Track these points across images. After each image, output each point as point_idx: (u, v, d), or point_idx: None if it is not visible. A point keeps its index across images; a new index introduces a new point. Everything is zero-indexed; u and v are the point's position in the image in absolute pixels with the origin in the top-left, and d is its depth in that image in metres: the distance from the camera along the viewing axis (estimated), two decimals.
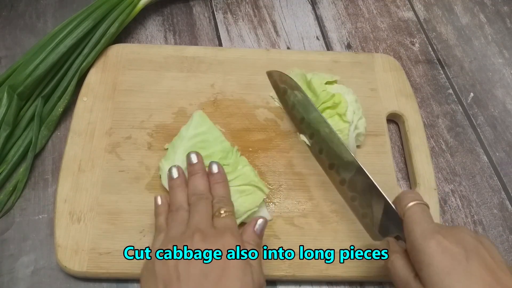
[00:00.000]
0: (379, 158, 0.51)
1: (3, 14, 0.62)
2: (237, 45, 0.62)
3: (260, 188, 0.45)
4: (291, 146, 0.51)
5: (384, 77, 0.57)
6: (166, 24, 0.63)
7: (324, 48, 0.63)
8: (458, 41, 0.65)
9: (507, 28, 0.67)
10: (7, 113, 0.49)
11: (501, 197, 0.52)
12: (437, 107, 0.59)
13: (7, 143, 0.49)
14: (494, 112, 0.59)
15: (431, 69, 0.62)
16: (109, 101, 0.53)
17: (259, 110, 0.54)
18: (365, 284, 0.46)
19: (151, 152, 0.50)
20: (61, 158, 0.49)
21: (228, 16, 0.65)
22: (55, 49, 0.51)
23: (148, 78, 0.54)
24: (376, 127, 0.53)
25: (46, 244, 0.45)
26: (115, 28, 0.55)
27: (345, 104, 0.49)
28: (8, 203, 0.47)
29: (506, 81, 0.62)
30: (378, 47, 0.64)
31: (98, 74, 0.54)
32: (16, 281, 0.43)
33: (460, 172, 0.54)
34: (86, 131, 0.50)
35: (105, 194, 0.47)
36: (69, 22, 0.53)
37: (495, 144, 0.56)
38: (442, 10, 0.69)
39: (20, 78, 0.50)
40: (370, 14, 0.67)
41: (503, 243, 0.49)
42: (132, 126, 0.51)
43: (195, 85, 0.55)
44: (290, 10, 0.66)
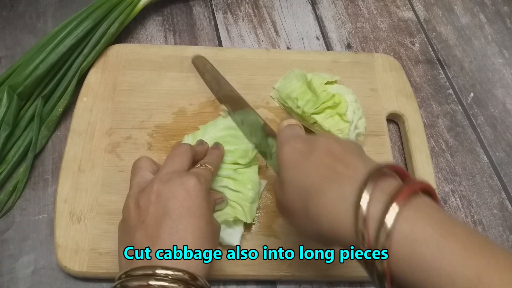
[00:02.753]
0: (379, 158, 0.51)
1: (3, 14, 0.62)
2: (237, 45, 0.62)
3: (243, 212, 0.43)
4: None
5: (384, 77, 0.57)
6: (166, 24, 0.63)
7: (324, 48, 0.63)
8: (458, 41, 0.65)
9: (507, 28, 0.67)
10: (7, 113, 0.49)
11: (501, 197, 0.52)
12: (437, 107, 0.59)
13: (7, 143, 0.49)
14: (494, 112, 0.59)
15: (431, 69, 0.62)
16: (109, 101, 0.53)
17: (259, 110, 0.54)
18: (365, 284, 0.46)
19: (151, 152, 0.50)
20: (61, 158, 0.49)
21: (228, 16, 0.65)
22: (55, 49, 0.51)
23: (148, 78, 0.54)
24: (376, 127, 0.53)
25: (46, 244, 0.45)
26: (115, 28, 0.55)
27: (345, 104, 0.49)
28: (8, 203, 0.47)
29: (506, 81, 0.62)
30: (378, 47, 0.64)
31: (98, 74, 0.54)
32: (16, 281, 0.43)
33: (460, 172, 0.54)
34: (86, 131, 0.50)
35: (105, 194, 0.47)
36: (69, 22, 0.53)
37: (495, 144, 0.56)
38: (442, 10, 0.69)
39: (20, 78, 0.49)
40: (370, 14, 0.67)
41: (503, 243, 0.49)
42: (132, 126, 0.51)
43: (195, 85, 0.55)
44: (290, 10, 0.66)
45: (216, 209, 0.43)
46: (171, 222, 0.32)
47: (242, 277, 0.44)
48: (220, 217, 0.43)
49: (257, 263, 0.44)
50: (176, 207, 0.33)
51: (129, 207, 0.35)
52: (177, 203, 0.33)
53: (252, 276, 0.44)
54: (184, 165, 0.37)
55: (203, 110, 0.53)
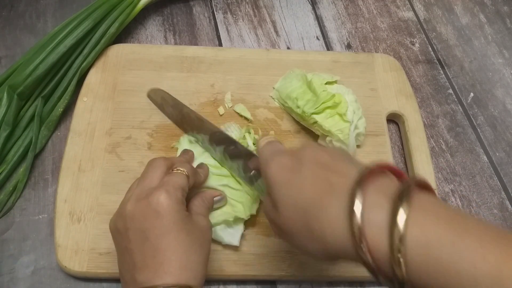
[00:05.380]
0: (379, 158, 0.51)
1: (3, 14, 0.62)
2: (237, 45, 0.62)
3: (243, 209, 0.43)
4: (291, 145, 0.51)
5: (384, 77, 0.57)
6: (166, 24, 0.63)
7: (324, 48, 0.63)
8: (458, 41, 0.65)
9: (507, 28, 0.67)
10: (7, 113, 0.49)
11: (501, 197, 0.52)
12: (437, 107, 0.59)
13: (7, 143, 0.49)
14: (494, 112, 0.59)
15: (431, 69, 0.62)
16: (109, 101, 0.53)
17: (259, 110, 0.54)
18: (365, 284, 0.46)
19: (151, 152, 0.50)
20: (61, 158, 0.49)
21: (228, 16, 0.65)
22: (55, 49, 0.51)
23: (148, 78, 0.54)
24: (376, 127, 0.53)
25: (46, 244, 0.45)
26: (115, 28, 0.55)
27: (345, 104, 0.49)
28: (8, 203, 0.47)
29: (506, 81, 0.62)
30: (378, 47, 0.64)
31: (98, 74, 0.54)
32: (16, 281, 0.43)
33: (460, 172, 0.54)
34: (86, 131, 0.50)
35: (105, 194, 0.47)
36: (69, 22, 0.53)
37: (495, 144, 0.56)
38: (442, 10, 0.69)
39: (20, 78, 0.49)
40: (370, 14, 0.67)
41: None
42: (132, 126, 0.51)
43: (195, 85, 0.55)
44: (290, 10, 0.66)
45: (215, 207, 0.43)
46: (151, 245, 0.32)
47: (242, 277, 0.44)
48: (220, 217, 0.43)
49: (257, 263, 0.44)
50: (151, 229, 0.33)
51: (112, 230, 0.36)
52: (150, 225, 0.33)
53: (252, 276, 0.44)
54: (155, 180, 0.36)
55: (203, 110, 0.53)
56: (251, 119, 0.52)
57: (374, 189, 0.26)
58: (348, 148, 0.48)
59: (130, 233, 0.33)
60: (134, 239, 0.33)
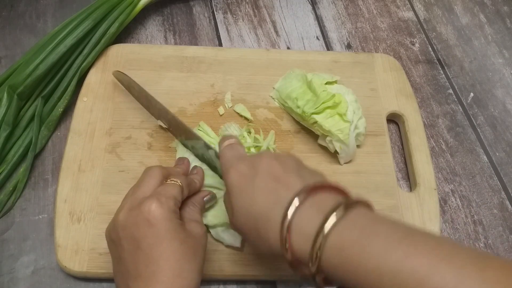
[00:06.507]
0: (379, 158, 0.51)
1: (3, 14, 0.62)
2: (237, 45, 0.62)
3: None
4: (291, 145, 0.51)
5: (384, 77, 0.57)
6: (166, 24, 0.63)
7: (324, 48, 0.63)
8: (458, 41, 0.65)
9: (507, 28, 0.67)
10: (7, 113, 0.49)
11: (501, 197, 0.52)
12: (437, 107, 0.59)
13: (7, 143, 0.49)
14: (494, 112, 0.59)
15: (431, 69, 0.62)
16: (109, 101, 0.53)
17: (259, 110, 0.54)
18: None
19: (151, 152, 0.50)
20: (61, 158, 0.49)
21: (228, 16, 0.65)
22: (55, 49, 0.51)
23: (148, 78, 0.54)
24: (376, 127, 0.53)
25: (46, 244, 0.45)
26: (115, 28, 0.55)
27: (345, 104, 0.49)
28: (8, 203, 0.47)
29: (506, 81, 0.62)
30: (378, 47, 0.64)
31: (98, 74, 0.54)
32: (16, 281, 0.43)
33: (460, 172, 0.54)
34: (86, 131, 0.50)
35: (105, 194, 0.47)
36: (69, 22, 0.53)
37: (495, 144, 0.56)
38: (442, 10, 0.69)
39: (20, 78, 0.49)
40: (370, 14, 0.67)
41: (503, 243, 0.49)
42: (132, 126, 0.51)
43: (195, 85, 0.55)
44: (290, 10, 0.66)
45: (207, 207, 0.43)
46: (144, 254, 0.32)
47: (242, 277, 0.44)
48: (221, 219, 0.43)
49: (257, 263, 0.44)
50: (143, 238, 0.33)
51: (107, 239, 0.36)
52: (143, 234, 0.33)
53: (252, 276, 0.44)
54: (149, 190, 0.36)
55: (203, 110, 0.53)
56: (251, 119, 0.52)
57: (310, 204, 0.30)
58: (348, 148, 0.48)
59: (123, 242, 0.34)
60: (127, 248, 0.33)
